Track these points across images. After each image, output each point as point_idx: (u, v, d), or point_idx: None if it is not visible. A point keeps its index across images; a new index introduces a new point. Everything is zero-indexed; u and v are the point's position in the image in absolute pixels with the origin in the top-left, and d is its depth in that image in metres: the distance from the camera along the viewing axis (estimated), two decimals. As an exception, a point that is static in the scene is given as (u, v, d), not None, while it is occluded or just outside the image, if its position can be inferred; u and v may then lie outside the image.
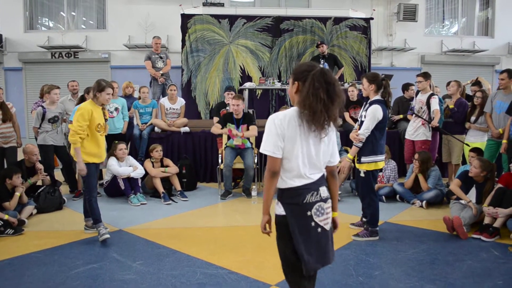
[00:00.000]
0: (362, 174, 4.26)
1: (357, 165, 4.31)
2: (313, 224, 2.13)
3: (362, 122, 4.24)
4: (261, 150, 2.14)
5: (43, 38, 12.15)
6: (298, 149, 2.10)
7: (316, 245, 2.15)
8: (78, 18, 12.88)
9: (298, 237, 2.11)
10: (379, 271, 3.53)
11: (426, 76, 6.23)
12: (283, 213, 2.15)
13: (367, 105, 4.23)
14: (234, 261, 3.72)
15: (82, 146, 4.23)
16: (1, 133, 5.85)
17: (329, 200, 2.22)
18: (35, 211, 5.25)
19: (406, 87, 7.55)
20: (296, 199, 2.13)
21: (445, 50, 12.84)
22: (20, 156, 5.99)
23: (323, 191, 2.18)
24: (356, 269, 3.56)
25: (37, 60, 12.32)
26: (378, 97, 4.20)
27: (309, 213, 2.12)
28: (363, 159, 4.21)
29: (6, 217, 4.53)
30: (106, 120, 4.54)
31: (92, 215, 4.39)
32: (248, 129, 6.40)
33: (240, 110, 6.37)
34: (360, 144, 4.20)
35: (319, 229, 2.15)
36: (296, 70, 2.17)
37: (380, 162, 4.23)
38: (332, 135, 2.23)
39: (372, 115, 4.12)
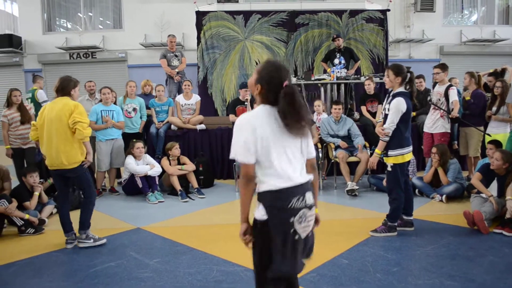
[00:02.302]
0: (389, 168, 4.21)
1: (384, 159, 4.26)
2: (291, 231, 1.99)
3: (386, 115, 4.19)
4: (231, 157, 2.05)
5: (61, 40, 12.35)
6: (277, 148, 2.01)
7: (290, 253, 2.01)
8: (95, 18, 13.04)
9: (278, 244, 1.99)
10: (398, 267, 3.47)
11: (443, 67, 6.11)
12: (263, 218, 2.01)
13: (390, 98, 4.17)
14: (250, 258, 3.67)
15: (82, 146, 4.14)
16: (20, 134, 5.98)
17: (314, 208, 2.08)
18: (55, 210, 5.32)
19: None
20: (281, 202, 1.99)
21: (464, 40, 12.59)
22: (40, 156, 6.09)
23: (309, 197, 2.04)
24: (374, 265, 3.51)
25: (56, 61, 12.54)
26: (401, 89, 4.14)
27: (292, 219, 1.98)
28: (390, 152, 4.16)
29: (27, 216, 4.61)
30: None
31: (86, 218, 4.16)
32: None
33: None
34: (387, 138, 4.14)
35: (296, 237, 2.01)
36: (263, 73, 2.08)
37: (407, 154, 4.16)
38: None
39: (395, 108, 4.06)
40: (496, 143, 5.44)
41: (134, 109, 6.91)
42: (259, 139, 1.97)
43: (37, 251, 4.02)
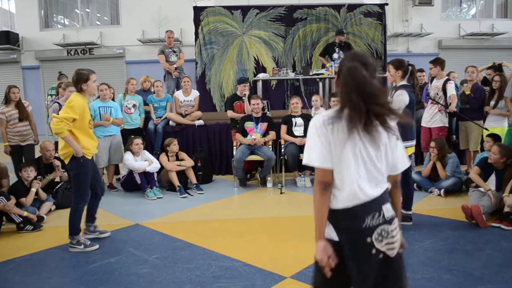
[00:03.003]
0: None
1: None
2: (374, 251, 1.69)
3: None
4: (305, 162, 1.77)
5: (59, 36, 12.31)
6: (349, 157, 1.71)
7: (375, 276, 1.73)
8: (92, 14, 12.99)
9: (355, 270, 1.72)
10: (396, 262, 3.48)
11: (435, 62, 6.11)
12: (336, 239, 1.75)
13: (393, 91, 4.17)
14: (249, 254, 3.72)
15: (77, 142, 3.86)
16: (18, 131, 5.97)
17: (395, 220, 1.76)
18: (53, 207, 5.34)
19: None
20: (353, 223, 1.70)
21: (463, 34, 12.55)
22: (38, 154, 6.08)
23: (387, 210, 1.73)
24: (372, 260, 3.51)
25: (53, 57, 12.50)
26: (404, 82, 4.15)
27: (369, 239, 1.68)
28: None
29: (25, 213, 4.60)
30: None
31: (72, 224, 3.94)
32: (267, 130, 6.59)
33: (260, 109, 6.60)
34: None
35: (381, 256, 1.71)
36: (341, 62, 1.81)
37: (410, 148, 4.14)
38: (392, 137, 1.81)
39: (398, 100, 4.05)
40: (495, 137, 5.44)
41: (134, 106, 6.94)
42: (332, 142, 1.71)
43: (36, 248, 4.02)
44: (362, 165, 1.72)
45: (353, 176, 1.71)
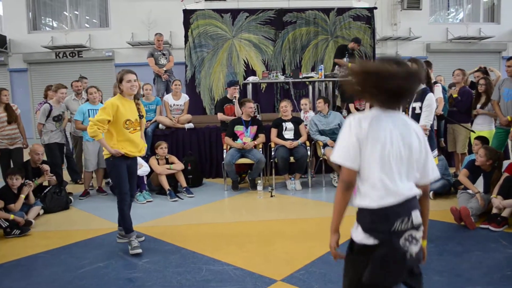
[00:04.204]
0: None
1: None
2: (408, 256, 1.69)
3: (416, 114, 4.05)
4: (332, 159, 1.78)
5: (47, 38, 12.21)
6: (383, 153, 1.69)
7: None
8: (81, 17, 12.92)
9: (385, 272, 1.68)
10: (386, 264, 3.49)
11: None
12: (363, 242, 1.72)
13: (418, 95, 4.05)
14: (239, 257, 3.71)
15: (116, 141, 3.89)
16: (6, 134, 5.89)
17: (421, 228, 1.74)
18: (42, 211, 5.27)
19: None
20: (382, 226, 1.68)
21: (450, 37, 12.71)
22: (26, 157, 6.01)
23: (416, 216, 1.70)
24: (362, 262, 3.52)
25: (41, 60, 12.39)
26: (423, 85, 4.05)
27: (401, 241, 1.68)
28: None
29: (12, 217, 4.53)
30: (141, 116, 4.08)
31: (123, 223, 4.02)
32: (257, 133, 6.59)
33: (252, 112, 6.63)
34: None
35: (408, 256, 1.69)
36: None
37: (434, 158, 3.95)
38: (424, 140, 1.81)
39: (433, 104, 4.01)
40: (483, 139, 5.50)
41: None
42: (362, 139, 1.71)
43: (24, 253, 3.97)
44: (394, 163, 1.70)
45: (384, 173, 1.69)
